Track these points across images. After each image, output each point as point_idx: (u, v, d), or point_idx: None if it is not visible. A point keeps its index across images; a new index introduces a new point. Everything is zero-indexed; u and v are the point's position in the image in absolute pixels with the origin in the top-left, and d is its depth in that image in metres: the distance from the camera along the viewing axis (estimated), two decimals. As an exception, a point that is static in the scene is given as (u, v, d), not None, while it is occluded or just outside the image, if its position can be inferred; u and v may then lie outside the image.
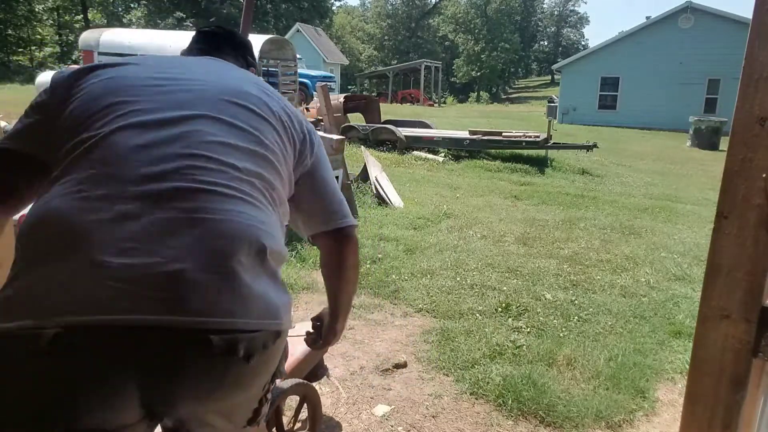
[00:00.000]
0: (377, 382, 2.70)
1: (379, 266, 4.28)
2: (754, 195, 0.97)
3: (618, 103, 24.03)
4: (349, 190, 5.62)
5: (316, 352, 2.18)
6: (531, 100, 42.91)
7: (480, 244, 5.10)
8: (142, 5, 32.45)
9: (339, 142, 5.45)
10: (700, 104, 21.58)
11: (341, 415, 2.42)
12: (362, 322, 3.36)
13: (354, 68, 45.17)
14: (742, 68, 0.96)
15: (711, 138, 16.50)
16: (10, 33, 30.33)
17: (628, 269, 4.60)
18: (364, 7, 64.63)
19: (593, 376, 2.78)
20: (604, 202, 7.64)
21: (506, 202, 7.27)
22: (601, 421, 2.43)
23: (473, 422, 2.41)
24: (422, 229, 5.57)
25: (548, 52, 65.62)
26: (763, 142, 0.95)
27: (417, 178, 8.57)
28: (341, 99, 11.51)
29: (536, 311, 3.59)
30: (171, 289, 0.85)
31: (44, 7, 31.93)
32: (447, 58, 50.22)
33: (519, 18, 54.90)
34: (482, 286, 3.99)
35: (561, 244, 5.25)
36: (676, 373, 2.90)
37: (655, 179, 10.69)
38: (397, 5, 57.55)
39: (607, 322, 3.48)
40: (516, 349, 3.02)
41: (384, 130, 10.88)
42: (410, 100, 30.39)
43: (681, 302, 3.87)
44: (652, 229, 6.12)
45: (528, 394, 2.54)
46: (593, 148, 10.71)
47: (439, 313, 3.52)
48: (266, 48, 11.45)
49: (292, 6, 35.75)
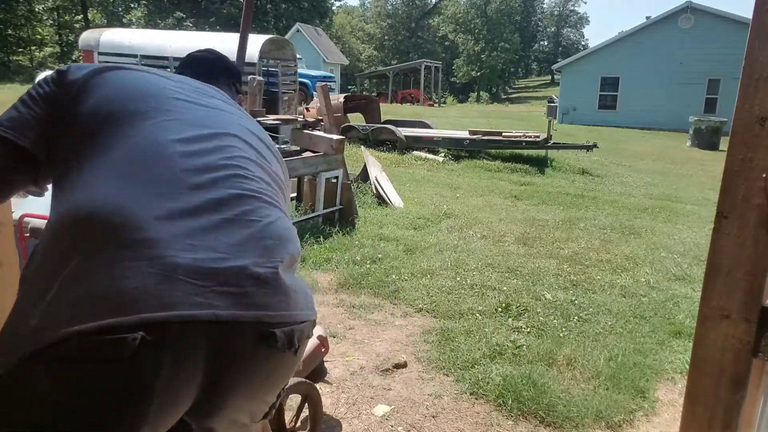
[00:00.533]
0: (377, 382, 2.70)
1: (379, 266, 4.28)
2: (754, 195, 0.97)
3: (618, 103, 24.04)
4: (349, 190, 5.62)
5: (319, 352, 2.19)
6: (531, 100, 42.91)
7: (480, 244, 5.10)
8: (142, 5, 32.44)
9: (339, 142, 5.44)
10: (700, 104, 21.60)
11: (341, 415, 2.42)
12: (362, 322, 3.36)
13: (354, 68, 45.16)
14: (742, 68, 0.97)
15: (711, 138, 16.50)
16: (10, 33, 30.32)
17: (628, 269, 4.60)
18: (364, 7, 64.62)
19: (593, 376, 2.78)
20: (604, 202, 7.65)
21: (506, 202, 7.27)
22: (601, 421, 2.43)
23: (473, 422, 2.41)
24: (422, 229, 5.57)
25: (548, 52, 65.61)
26: (763, 142, 0.95)
27: (417, 178, 8.57)
28: (341, 99, 11.51)
29: (536, 311, 3.59)
30: (237, 284, 0.87)
31: (44, 7, 31.91)
32: (447, 58, 50.21)
33: (519, 18, 54.89)
34: (482, 286, 3.99)
35: (561, 244, 5.25)
36: (676, 373, 2.90)
37: (655, 179, 10.70)
38: (397, 5, 57.54)
39: (607, 322, 3.48)
40: (516, 349, 3.02)
41: (384, 130, 10.88)
42: (410, 100, 30.38)
43: (681, 302, 3.87)
44: (652, 229, 6.12)
45: (528, 394, 2.54)
46: (593, 148, 10.72)
47: (439, 313, 3.52)
48: (266, 48, 11.44)
49: (292, 6, 35.74)
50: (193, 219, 0.90)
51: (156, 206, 0.89)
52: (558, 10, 65.47)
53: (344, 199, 5.55)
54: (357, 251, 4.58)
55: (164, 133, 0.99)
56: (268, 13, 33.67)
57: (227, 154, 1.03)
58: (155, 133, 0.99)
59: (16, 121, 1.01)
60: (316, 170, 5.33)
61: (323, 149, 5.41)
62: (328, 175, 5.42)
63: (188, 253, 0.85)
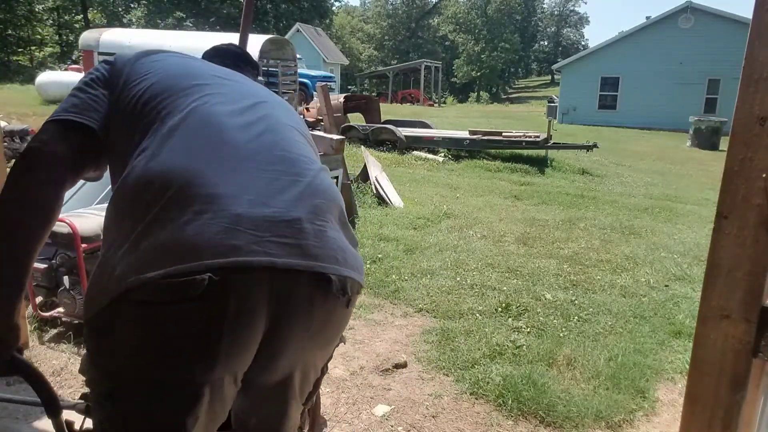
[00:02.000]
0: (377, 382, 2.70)
1: (379, 266, 4.28)
2: (754, 195, 0.96)
3: (618, 103, 24.03)
4: (349, 190, 5.62)
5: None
6: (531, 100, 42.89)
7: (480, 244, 5.10)
8: (142, 5, 32.42)
9: (339, 142, 5.45)
10: (700, 104, 21.58)
11: (341, 415, 2.42)
12: (362, 322, 3.36)
13: (354, 68, 45.15)
14: (742, 68, 0.96)
15: (711, 138, 16.50)
16: (10, 33, 30.28)
17: (628, 269, 4.60)
18: (364, 7, 64.62)
19: (593, 376, 2.78)
20: (604, 202, 7.64)
21: (506, 202, 7.27)
22: (601, 421, 2.43)
23: (473, 422, 2.41)
24: (422, 229, 5.57)
25: (548, 52, 65.59)
26: (763, 142, 0.95)
27: (417, 178, 8.57)
28: (341, 99, 11.51)
29: (536, 311, 3.58)
30: (292, 236, 0.95)
31: (44, 7, 31.86)
32: (447, 58, 50.18)
33: (519, 18, 54.86)
34: (482, 286, 3.99)
35: (561, 244, 5.24)
36: (676, 373, 2.90)
37: (655, 179, 10.69)
38: (397, 5, 57.52)
39: (607, 322, 3.48)
40: (516, 349, 3.02)
41: (384, 130, 10.87)
42: (410, 100, 30.37)
43: (681, 302, 3.87)
44: (652, 229, 6.12)
45: (528, 394, 2.54)
46: (593, 148, 10.71)
47: (439, 313, 3.52)
48: (266, 48, 11.43)
49: (292, 6, 35.72)
50: (254, 176, 0.99)
51: (219, 167, 0.98)
52: (558, 10, 65.46)
53: (344, 199, 5.54)
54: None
55: (215, 107, 1.09)
56: (268, 13, 33.65)
57: (270, 122, 1.13)
58: (207, 106, 1.08)
59: (80, 107, 1.09)
60: (316, 170, 5.31)
61: (323, 149, 5.41)
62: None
63: (249, 206, 0.94)
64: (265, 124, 1.11)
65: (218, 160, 0.99)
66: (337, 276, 0.99)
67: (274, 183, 1.00)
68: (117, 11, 33.46)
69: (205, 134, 1.03)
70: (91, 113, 1.08)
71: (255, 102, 1.16)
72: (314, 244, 0.97)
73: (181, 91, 1.09)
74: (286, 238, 0.94)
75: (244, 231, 0.91)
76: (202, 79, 1.15)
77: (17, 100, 13.63)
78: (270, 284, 0.92)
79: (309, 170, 1.08)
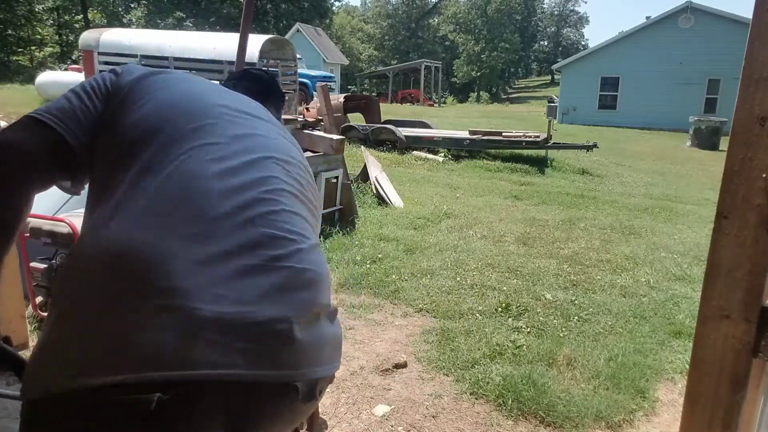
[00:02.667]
0: (377, 382, 2.70)
1: (379, 266, 4.28)
2: (754, 195, 0.96)
3: (618, 103, 24.04)
4: (349, 190, 5.62)
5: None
6: (531, 100, 42.89)
7: (480, 244, 5.10)
8: (142, 5, 32.43)
9: (339, 142, 5.45)
10: (700, 104, 21.60)
11: (341, 415, 2.42)
12: (362, 322, 3.36)
13: (354, 68, 45.15)
14: (742, 68, 0.96)
15: (711, 138, 16.50)
16: (10, 33, 30.26)
17: (628, 269, 4.60)
18: (364, 7, 64.64)
19: (593, 376, 2.78)
20: (604, 202, 7.64)
21: (506, 202, 7.27)
22: (601, 421, 2.43)
23: (473, 422, 2.41)
24: (422, 229, 5.57)
25: (548, 52, 65.62)
26: (763, 142, 0.95)
27: (417, 178, 8.57)
28: (341, 99, 11.51)
29: (536, 311, 3.58)
30: (260, 341, 0.86)
31: (44, 7, 31.85)
32: (447, 58, 50.21)
33: (519, 18, 54.89)
34: (482, 286, 3.99)
35: (561, 244, 5.25)
36: (676, 373, 2.90)
37: (655, 179, 10.70)
38: (397, 5, 57.52)
39: (607, 322, 3.48)
40: (516, 349, 3.02)
41: (384, 130, 10.87)
42: (410, 100, 30.37)
43: (681, 302, 3.87)
44: (652, 229, 6.12)
45: (528, 394, 2.54)
46: (593, 148, 10.72)
47: (439, 313, 3.52)
48: (266, 48, 11.42)
49: (292, 6, 35.73)
50: (225, 265, 0.88)
51: (188, 251, 0.87)
52: (558, 10, 65.49)
53: (344, 199, 5.55)
54: (357, 251, 4.59)
55: (205, 164, 0.97)
56: (268, 13, 33.67)
57: (267, 186, 1.01)
58: (196, 162, 0.97)
59: (67, 114, 0.99)
60: (316, 170, 5.32)
61: (323, 149, 5.41)
62: (328, 175, 5.42)
63: (214, 304, 0.83)
64: (260, 190, 0.99)
65: (192, 243, 0.88)
66: (306, 381, 0.92)
67: (252, 272, 0.89)
68: (117, 11, 33.46)
69: (184, 204, 0.92)
70: (75, 126, 0.99)
71: (254, 158, 1.03)
72: (287, 348, 0.89)
73: (174, 137, 0.99)
74: (252, 343, 0.84)
75: (207, 338, 0.81)
76: (205, 118, 1.04)
77: (17, 100, 13.62)
78: (231, 396, 0.84)
79: (296, 253, 0.97)
